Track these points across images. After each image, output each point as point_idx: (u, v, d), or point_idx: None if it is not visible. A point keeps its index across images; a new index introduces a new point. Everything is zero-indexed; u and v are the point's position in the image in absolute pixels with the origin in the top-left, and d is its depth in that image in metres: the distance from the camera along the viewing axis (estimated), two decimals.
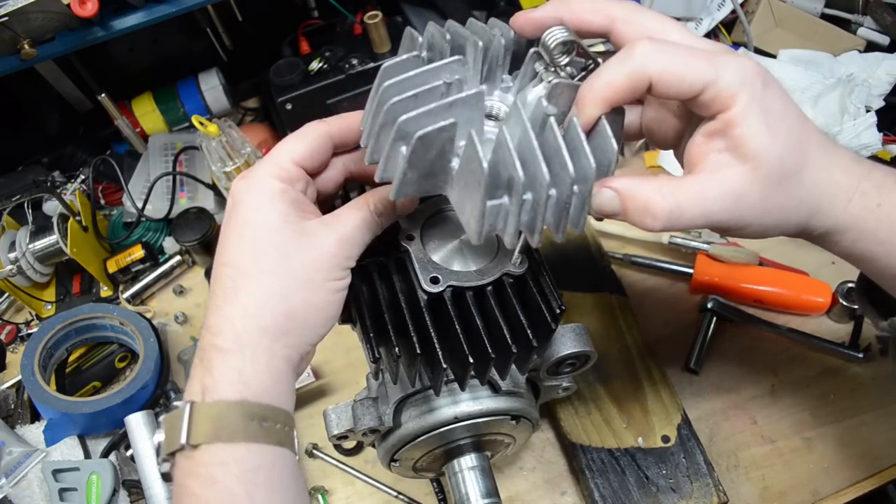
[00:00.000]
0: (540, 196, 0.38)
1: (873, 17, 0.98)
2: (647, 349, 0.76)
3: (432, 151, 0.39)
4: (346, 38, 0.98)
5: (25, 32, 0.73)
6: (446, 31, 0.44)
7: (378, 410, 0.55)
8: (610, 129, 0.40)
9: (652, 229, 0.41)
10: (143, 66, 1.02)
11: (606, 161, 0.40)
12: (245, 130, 0.96)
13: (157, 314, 0.91)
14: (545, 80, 0.43)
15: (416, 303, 0.48)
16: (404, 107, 0.39)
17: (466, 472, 0.59)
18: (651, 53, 0.39)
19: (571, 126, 0.39)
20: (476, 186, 0.38)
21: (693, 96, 0.40)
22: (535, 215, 0.39)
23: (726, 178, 0.40)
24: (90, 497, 0.71)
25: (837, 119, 0.82)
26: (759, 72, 0.40)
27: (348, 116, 0.48)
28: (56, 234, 0.86)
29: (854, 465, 0.71)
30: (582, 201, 0.39)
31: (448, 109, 0.38)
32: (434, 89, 0.40)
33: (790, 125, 0.41)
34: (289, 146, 0.46)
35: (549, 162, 0.38)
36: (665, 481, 0.67)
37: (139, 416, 0.74)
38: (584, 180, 0.39)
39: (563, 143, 0.38)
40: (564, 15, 0.44)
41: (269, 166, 0.45)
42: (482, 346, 0.46)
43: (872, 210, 0.42)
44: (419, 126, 0.37)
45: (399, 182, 0.40)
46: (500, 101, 0.45)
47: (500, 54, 0.44)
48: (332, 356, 0.83)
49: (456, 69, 0.41)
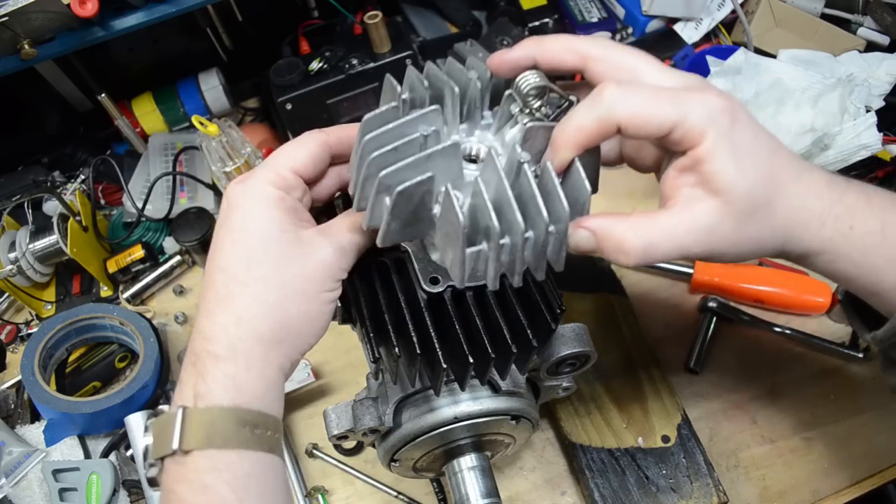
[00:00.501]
0: (517, 240, 0.40)
1: (873, 17, 0.98)
2: (647, 349, 0.76)
3: (413, 203, 0.41)
4: (346, 38, 0.98)
5: (25, 32, 0.73)
6: (425, 77, 0.45)
7: (378, 410, 0.55)
8: (583, 170, 0.41)
9: (628, 265, 0.42)
10: (143, 66, 1.02)
11: (581, 201, 0.42)
12: (245, 130, 0.96)
13: (157, 314, 0.91)
14: (520, 123, 0.45)
15: (415, 303, 0.48)
16: (385, 160, 0.41)
17: (466, 472, 0.59)
18: (618, 97, 0.40)
19: (545, 170, 0.41)
20: (455, 236, 0.40)
21: (662, 136, 0.41)
22: (513, 258, 0.41)
23: (698, 212, 0.41)
24: (90, 497, 0.71)
25: (837, 119, 0.82)
26: (726, 108, 0.41)
27: (346, 128, 0.48)
28: (56, 234, 0.86)
29: (854, 465, 0.71)
30: (559, 241, 0.41)
31: (426, 162, 0.40)
32: (413, 141, 0.42)
33: (759, 158, 0.42)
34: (288, 153, 0.46)
35: (524, 206, 0.40)
36: (665, 481, 0.67)
37: (139, 416, 0.74)
38: (559, 221, 0.40)
39: (536, 189, 0.39)
40: (537, 55, 0.45)
41: (267, 172, 0.45)
42: (482, 346, 0.46)
43: (845, 233, 0.44)
44: (399, 180, 0.40)
45: (384, 231, 0.42)
46: (480, 142, 0.46)
47: (477, 96, 0.46)
48: (332, 356, 0.83)
49: (433, 119, 0.43)
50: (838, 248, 0.44)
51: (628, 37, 1.05)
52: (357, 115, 0.91)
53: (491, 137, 0.47)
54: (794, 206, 0.43)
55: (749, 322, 0.80)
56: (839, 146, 0.81)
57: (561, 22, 1.06)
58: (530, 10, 1.05)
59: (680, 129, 0.40)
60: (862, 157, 0.81)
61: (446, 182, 0.41)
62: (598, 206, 0.40)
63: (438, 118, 0.43)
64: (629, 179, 0.45)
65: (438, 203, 0.42)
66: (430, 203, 0.42)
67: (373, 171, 0.41)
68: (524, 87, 0.45)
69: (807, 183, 0.44)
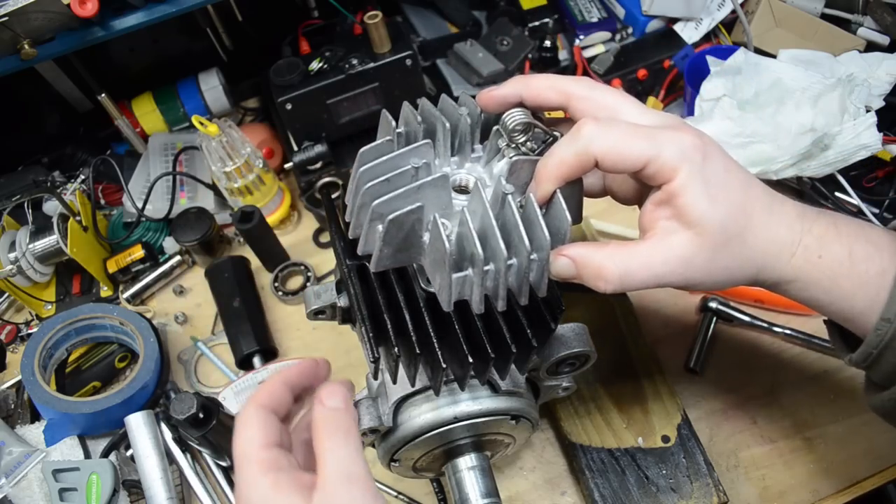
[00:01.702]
0: (500, 266, 0.42)
1: (873, 17, 0.98)
2: (648, 349, 0.76)
3: (404, 230, 0.44)
4: (346, 38, 0.98)
5: (25, 32, 0.73)
6: (419, 113, 0.49)
7: (378, 410, 0.55)
8: (564, 202, 0.44)
9: (605, 292, 0.45)
10: (143, 66, 1.02)
11: (562, 231, 0.45)
12: (245, 130, 0.96)
13: (157, 314, 0.91)
14: (507, 156, 0.48)
15: (415, 302, 0.48)
16: (378, 190, 0.44)
17: (466, 472, 0.59)
18: (596, 133, 0.43)
19: (529, 201, 0.44)
20: (442, 262, 0.43)
21: (637, 171, 0.43)
22: (497, 283, 0.44)
23: (673, 243, 0.44)
24: (90, 497, 0.71)
25: (837, 119, 0.82)
26: (699, 145, 0.43)
27: (301, 366, 0.50)
28: (56, 234, 0.86)
29: (854, 465, 0.71)
30: (541, 268, 0.44)
31: (417, 192, 0.44)
32: (405, 173, 0.45)
33: (731, 192, 0.44)
34: (248, 436, 0.44)
35: (508, 235, 0.43)
36: (665, 481, 0.67)
37: (139, 416, 0.74)
38: (541, 249, 0.43)
39: (519, 219, 0.43)
40: (523, 93, 0.48)
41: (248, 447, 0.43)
42: (482, 346, 0.46)
43: (814, 262, 0.46)
44: (391, 209, 0.43)
45: (377, 257, 0.45)
46: (469, 173, 0.50)
47: (468, 131, 0.49)
48: (331, 356, 0.82)
49: (424, 152, 0.46)
50: (809, 276, 0.46)
51: (628, 37, 1.05)
52: (357, 114, 0.91)
53: (480, 169, 0.50)
54: (764, 237, 0.45)
55: (749, 322, 0.80)
56: (839, 146, 0.81)
57: (561, 22, 1.05)
58: (530, 10, 1.05)
59: (654, 165, 0.43)
60: (862, 157, 0.81)
61: (436, 211, 0.44)
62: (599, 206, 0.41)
63: (430, 151, 0.46)
64: None
65: (428, 231, 0.45)
66: (420, 231, 0.45)
67: (366, 200, 0.44)
68: (510, 124, 0.48)
69: (778, 215, 0.46)
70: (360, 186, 0.45)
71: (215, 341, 0.87)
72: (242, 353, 0.82)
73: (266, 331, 0.86)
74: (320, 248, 0.97)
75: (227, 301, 0.87)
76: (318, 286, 0.58)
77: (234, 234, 0.97)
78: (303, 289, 0.91)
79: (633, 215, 0.50)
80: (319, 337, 0.85)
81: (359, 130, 0.93)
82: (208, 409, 0.66)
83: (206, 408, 0.66)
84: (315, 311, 0.57)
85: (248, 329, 0.84)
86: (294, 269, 0.93)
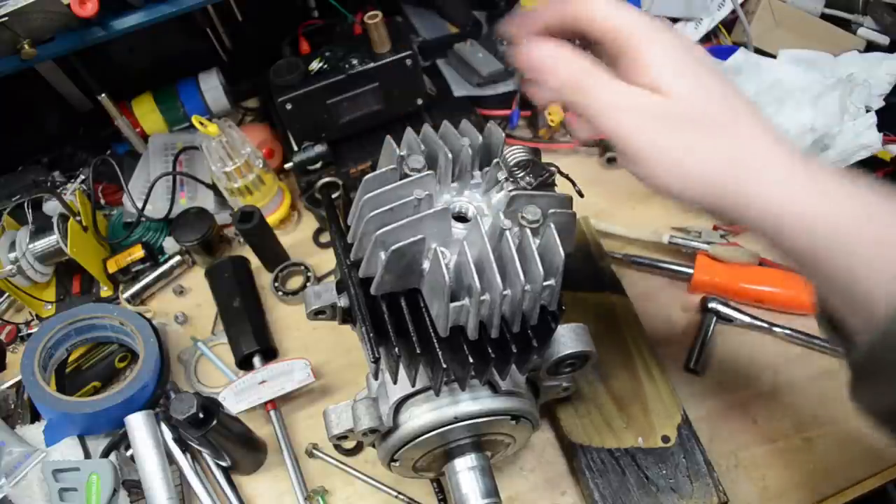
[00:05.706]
0: (496, 297, 0.44)
1: (873, 17, 0.98)
2: (648, 349, 0.76)
3: (405, 259, 0.46)
4: (346, 38, 0.98)
5: (25, 32, 0.73)
6: (421, 140, 0.51)
7: (378, 410, 0.55)
8: (557, 236, 0.45)
9: None
10: (143, 66, 1.02)
11: (555, 264, 0.46)
12: (245, 130, 0.96)
13: (157, 314, 0.91)
14: (506, 189, 0.50)
15: (415, 302, 0.48)
16: (382, 219, 0.46)
17: (466, 472, 0.59)
18: None
19: (525, 236, 0.46)
20: (440, 291, 0.44)
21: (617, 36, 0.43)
22: (492, 312, 0.45)
23: (642, 94, 0.42)
24: (90, 497, 0.71)
25: (837, 119, 0.82)
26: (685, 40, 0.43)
27: None
28: (56, 234, 0.86)
29: (854, 465, 0.71)
30: (534, 299, 0.46)
31: (419, 224, 0.45)
32: (407, 203, 0.46)
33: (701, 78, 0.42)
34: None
35: (504, 267, 0.45)
36: (665, 481, 0.67)
37: (139, 416, 0.74)
38: (535, 282, 0.45)
39: (515, 254, 0.44)
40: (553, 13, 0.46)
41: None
42: (482, 347, 0.46)
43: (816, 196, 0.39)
44: (394, 239, 0.44)
45: (378, 282, 0.47)
46: (469, 201, 0.51)
47: (468, 161, 0.51)
48: (332, 356, 0.83)
49: (427, 183, 0.47)
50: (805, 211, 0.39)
51: None
52: (357, 114, 0.91)
53: (479, 197, 0.52)
54: (755, 145, 0.41)
55: (749, 322, 0.80)
56: (839, 146, 0.81)
57: None
58: None
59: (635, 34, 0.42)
60: (862, 157, 0.81)
61: (436, 241, 0.46)
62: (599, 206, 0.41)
63: (432, 182, 0.48)
64: (629, 180, 0.45)
65: (428, 259, 0.46)
66: (420, 259, 0.46)
67: (370, 228, 0.46)
68: (511, 160, 0.51)
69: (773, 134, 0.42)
70: (364, 214, 0.47)
71: (215, 341, 0.87)
72: (242, 353, 0.82)
73: (266, 331, 0.86)
74: (320, 248, 0.97)
75: (227, 301, 0.87)
76: (318, 286, 0.58)
77: (234, 234, 0.97)
78: (303, 289, 0.90)
79: (633, 215, 0.50)
80: (319, 337, 0.85)
81: (359, 130, 0.92)
82: (208, 409, 0.66)
83: (206, 408, 0.66)
84: (315, 311, 0.57)
85: (248, 329, 0.84)
86: (294, 269, 0.93)
